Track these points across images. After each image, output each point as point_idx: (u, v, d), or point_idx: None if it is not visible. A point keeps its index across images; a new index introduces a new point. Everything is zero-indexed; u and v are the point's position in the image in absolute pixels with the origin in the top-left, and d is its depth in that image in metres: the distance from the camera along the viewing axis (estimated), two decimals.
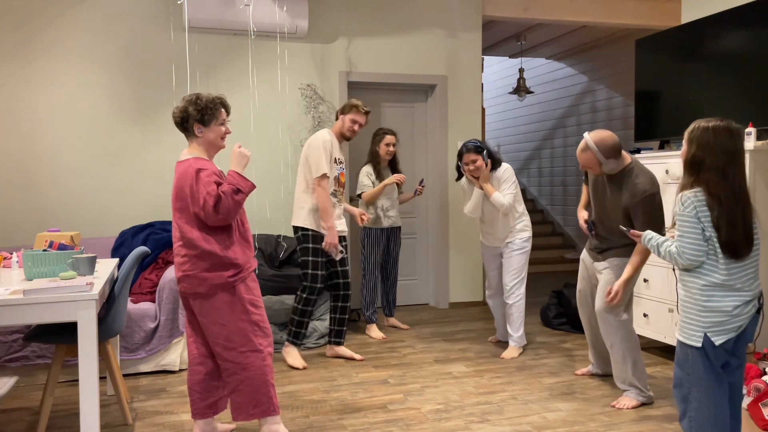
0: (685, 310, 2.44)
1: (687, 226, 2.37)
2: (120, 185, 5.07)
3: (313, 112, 5.50)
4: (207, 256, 2.78)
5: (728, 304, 2.35)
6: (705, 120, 2.43)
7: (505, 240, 4.42)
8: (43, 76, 4.88)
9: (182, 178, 2.81)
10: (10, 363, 3.81)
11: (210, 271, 2.79)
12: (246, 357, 2.83)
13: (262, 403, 2.87)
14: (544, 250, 8.77)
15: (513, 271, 4.38)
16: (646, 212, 3.26)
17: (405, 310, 5.92)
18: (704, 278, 2.37)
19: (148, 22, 5.09)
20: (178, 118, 2.89)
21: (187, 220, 2.81)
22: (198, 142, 2.92)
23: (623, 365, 3.48)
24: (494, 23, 7.15)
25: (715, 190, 2.33)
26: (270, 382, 2.89)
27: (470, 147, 4.26)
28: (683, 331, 2.44)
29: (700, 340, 2.37)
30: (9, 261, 3.64)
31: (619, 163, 3.32)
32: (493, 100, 10.73)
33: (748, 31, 3.92)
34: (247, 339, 2.84)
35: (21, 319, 2.64)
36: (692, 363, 2.40)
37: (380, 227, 5.04)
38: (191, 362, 2.96)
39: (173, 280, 4.06)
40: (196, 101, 2.87)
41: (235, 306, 2.82)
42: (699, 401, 2.40)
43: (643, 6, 6.34)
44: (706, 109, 4.22)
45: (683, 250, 2.38)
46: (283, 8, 5.13)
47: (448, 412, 3.37)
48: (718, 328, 2.35)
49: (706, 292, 2.37)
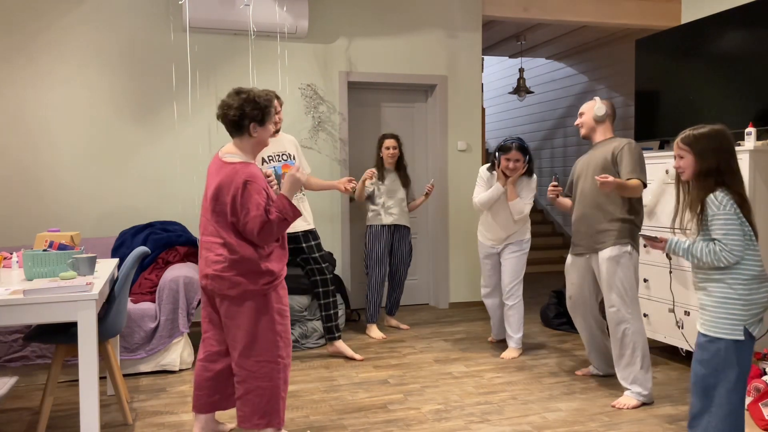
0: (723, 306, 2.46)
1: (730, 223, 2.42)
2: (120, 185, 5.07)
3: (313, 112, 5.50)
4: (245, 262, 2.70)
5: (763, 295, 2.45)
6: (692, 129, 2.54)
7: (504, 241, 4.42)
8: (44, 76, 4.88)
9: (226, 184, 2.68)
10: (10, 363, 3.81)
11: (245, 277, 2.71)
12: (262, 367, 2.76)
13: (269, 415, 2.79)
14: (544, 250, 8.77)
15: (513, 272, 4.38)
16: (632, 155, 3.47)
17: (405, 310, 5.92)
18: (747, 272, 2.44)
19: (148, 22, 5.09)
20: (235, 117, 2.74)
21: (225, 225, 2.71)
22: (250, 143, 2.80)
23: (630, 361, 3.48)
24: (494, 23, 7.15)
25: (735, 187, 2.44)
26: (281, 396, 2.82)
27: (519, 146, 4.23)
28: (722, 327, 2.45)
29: (742, 333, 2.43)
30: (9, 261, 3.64)
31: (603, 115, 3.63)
32: (493, 100, 10.74)
33: (748, 31, 3.92)
34: (266, 349, 2.77)
35: (21, 319, 2.64)
36: (725, 358, 2.44)
37: (381, 224, 5.03)
38: (205, 358, 2.90)
39: (173, 280, 4.06)
40: (254, 100, 2.74)
41: (262, 314, 2.75)
42: (727, 396, 2.44)
43: (643, 6, 6.34)
44: (705, 109, 4.22)
45: (732, 247, 2.42)
46: (283, 8, 5.13)
47: (448, 412, 3.37)
48: (755, 319, 2.44)
49: (749, 286, 2.44)
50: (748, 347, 2.44)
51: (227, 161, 2.75)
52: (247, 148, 2.81)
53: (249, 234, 2.67)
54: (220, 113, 2.79)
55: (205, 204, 2.80)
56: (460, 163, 5.99)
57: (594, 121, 3.66)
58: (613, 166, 3.51)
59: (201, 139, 5.25)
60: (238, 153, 2.78)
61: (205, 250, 2.80)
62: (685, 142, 2.52)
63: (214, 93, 5.27)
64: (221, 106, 2.79)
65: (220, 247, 2.73)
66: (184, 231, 4.77)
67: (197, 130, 5.24)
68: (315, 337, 4.70)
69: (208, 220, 2.78)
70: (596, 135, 3.68)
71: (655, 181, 4.23)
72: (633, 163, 3.46)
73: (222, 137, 5.28)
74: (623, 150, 3.50)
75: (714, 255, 2.45)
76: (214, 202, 2.72)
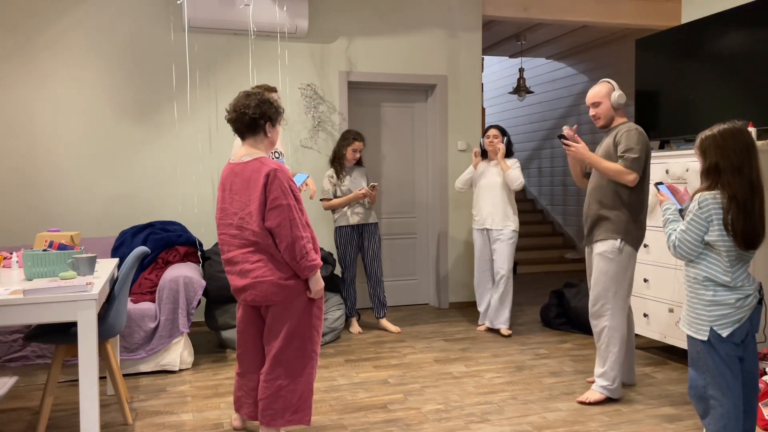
0: (690, 305, 2.54)
1: (694, 224, 2.47)
2: (120, 185, 5.07)
3: (313, 112, 5.50)
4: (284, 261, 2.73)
5: (731, 297, 2.44)
6: (708, 129, 2.53)
7: (493, 220, 4.90)
8: (43, 76, 4.88)
9: (254, 177, 2.69)
10: (10, 363, 3.81)
11: (292, 279, 2.73)
12: (297, 363, 2.79)
13: (300, 411, 2.81)
14: (544, 250, 8.77)
15: (505, 259, 4.89)
16: (628, 139, 3.34)
17: (405, 310, 5.92)
18: (712, 279, 2.46)
19: (148, 22, 5.09)
20: (255, 115, 2.77)
21: (261, 227, 2.70)
22: (264, 143, 2.84)
23: (603, 354, 3.48)
24: (494, 23, 7.15)
25: (732, 190, 2.41)
26: (311, 391, 2.85)
27: (495, 126, 5.01)
28: (691, 326, 2.53)
29: (706, 333, 2.46)
30: (9, 261, 3.64)
31: (624, 103, 3.49)
32: (493, 100, 10.73)
33: (748, 31, 3.92)
34: (304, 345, 2.80)
35: (21, 319, 2.64)
36: (704, 359, 2.49)
37: (348, 224, 5.00)
38: (253, 369, 2.93)
39: (173, 280, 4.06)
40: (269, 101, 2.79)
41: (306, 312, 2.78)
42: (717, 399, 2.47)
43: (643, 6, 6.34)
44: (705, 109, 4.22)
45: (680, 244, 2.51)
46: (283, 8, 5.13)
47: (448, 412, 3.37)
48: (723, 320, 2.44)
49: (710, 288, 2.47)
50: (721, 349, 2.44)
51: (244, 161, 2.77)
52: (262, 148, 2.84)
53: (271, 220, 2.66)
54: (235, 115, 2.79)
55: (229, 219, 2.78)
56: (460, 163, 5.99)
57: (614, 109, 3.49)
58: (614, 151, 3.41)
59: (201, 138, 5.25)
60: (255, 153, 2.80)
61: (238, 263, 2.78)
62: (695, 145, 2.55)
63: (214, 93, 5.27)
64: (236, 108, 2.79)
65: (254, 254, 2.73)
66: (184, 231, 4.76)
67: (197, 130, 5.24)
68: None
69: (238, 229, 2.76)
70: (613, 122, 3.53)
71: (653, 180, 4.23)
72: (625, 146, 3.34)
73: (222, 137, 5.28)
74: (622, 132, 3.39)
75: (669, 238, 2.57)
76: (248, 202, 2.70)
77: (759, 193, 2.43)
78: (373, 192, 4.94)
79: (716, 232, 2.43)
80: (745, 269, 2.48)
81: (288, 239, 2.67)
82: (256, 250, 2.73)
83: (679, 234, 2.52)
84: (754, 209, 2.41)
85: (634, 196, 3.41)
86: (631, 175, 3.33)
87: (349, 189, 4.96)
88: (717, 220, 2.42)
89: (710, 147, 2.47)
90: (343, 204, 4.95)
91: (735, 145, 2.43)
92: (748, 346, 2.49)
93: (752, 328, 2.48)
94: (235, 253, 2.78)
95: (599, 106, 3.51)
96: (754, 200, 2.42)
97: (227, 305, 4.55)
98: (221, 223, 2.85)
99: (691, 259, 2.51)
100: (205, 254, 4.73)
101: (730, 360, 2.45)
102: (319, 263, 2.74)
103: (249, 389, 2.96)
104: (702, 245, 2.47)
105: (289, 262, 2.70)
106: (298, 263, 2.69)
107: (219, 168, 5.30)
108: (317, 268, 2.74)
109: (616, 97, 3.46)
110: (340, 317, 4.82)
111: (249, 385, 2.96)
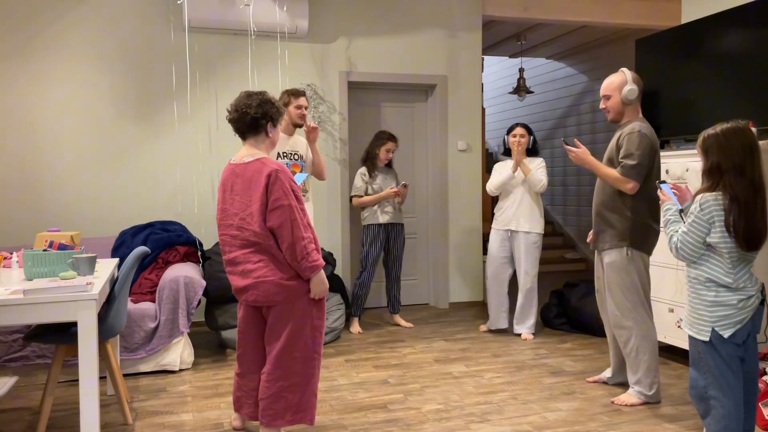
0: (692, 306, 2.54)
1: (696, 226, 2.47)
2: (120, 185, 5.07)
3: (313, 112, 5.50)
4: (285, 261, 2.72)
5: (733, 298, 2.44)
6: (711, 128, 2.51)
7: (518, 222, 4.80)
8: (43, 76, 4.88)
9: (256, 178, 2.68)
10: (10, 363, 3.81)
11: (294, 279, 2.73)
12: (299, 363, 2.78)
13: (302, 411, 2.81)
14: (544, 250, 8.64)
15: (531, 263, 4.84)
16: (630, 143, 3.24)
17: (405, 309, 5.92)
18: (714, 280, 2.46)
19: (148, 22, 5.09)
20: (257, 115, 2.76)
21: (263, 227, 2.70)
22: (266, 143, 2.84)
23: (635, 363, 3.42)
24: (494, 23, 7.14)
25: (734, 190, 2.40)
26: (314, 391, 2.84)
27: (522, 124, 4.86)
28: (692, 326, 2.53)
29: (708, 334, 2.46)
30: (9, 261, 3.64)
31: (636, 98, 3.34)
32: (493, 100, 10.73)
33: (748, 31, 3.92)
34: (307, 345, 2.79)
35: (21, 319, 2.64)
36: (705, 359, 2.49)
37: (377, 223, 5.06)
38: (253, 369, 2.92)
39: (173, 280, 4.06)
40: (271, 101, 2.79)
41: (307, 312, 2.78)
42: (718, 399, 2.47)
43: (643, 6, 6.34)
44: (705, 109, 4.22)
45: (682, 246, 2.51)
46: (283, 8, 5.13)
47: (448, 412, 3.37)
48: (725, 321, 2.44)
49: (712, 289, 2.46)
50: (722, 349, 2.44)
51: (245, 161, 2.76)
52: (263, 148, 2.84)
53: (273, 220, 2.66)
54: (237, 115, 2.78)
55: (229, 220, 2.78)
56: (460, 163, 5.99)
57: (623, 104, 3.36)
58: (617, 153, 3.31)
59: (201, 138, 5.24)
60: (256, 153, 2.79)
61: (239, 264, 2.77)
62: (698, 144, 2.54)
63: (214, 93, 5.27)
64: (237, 108, 2.78)
65: (255, 254, 2.72)
66: (184, 231, 4.76)
67: (197, 130, 5.24)
68: None
69: (238, 230, 2.75)
70: (623, 117, 3.39)
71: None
72: (625, 151, 3.23)
73: (222, 137, 5.28)
74: (625, 135, 3.27)
75: (671, 240, 2.56)
76: (250, 203, 2.70)
77: (761, 193, 2.43)
78: (405, 190, 5.00)
79: (718, 233, 2.42)
80: (747, 270, 2.47)
81: (289, 240, 2.67)
82: (257, 251, 2.73)
83: (680, 236, 2.51)
84: (756, 210, 2.41)
85: (639, 199, 3.33)
86: (629, 184, 3.25)
87: (381, 188, 5.06)
88: (719, 222, 2.42)
89: (713, 146, 2.46)
90: (374, 202, 5.02)
91: (738, 145, 2.42)
92: (749, 346, 2.50)
93: (754, 328, 2.48)
94: (236, 253, 2.78)
95: (609, 100, 3.40)
96: (756, 201, 2.41)
97: (227, 305, 4.55)
98: (222, 224, 2.84)
99: (693, 261, 2.51)
100: (205, 254, 4.73)
101: (731, 360, 2.45)
102: (321, 263, 2.74)
103: (249, 389, 2.96)
104: (704, 247, 2.47)
105: (291, 262, 2.71)
106: (300, 264, 2.69)
107: (219, 168, 5.30)
108: (319, 269, 2.74)
109: (626, 92, 3.33)
110: (340, 317, 4.82)
111: (249, 385, 2.96)
